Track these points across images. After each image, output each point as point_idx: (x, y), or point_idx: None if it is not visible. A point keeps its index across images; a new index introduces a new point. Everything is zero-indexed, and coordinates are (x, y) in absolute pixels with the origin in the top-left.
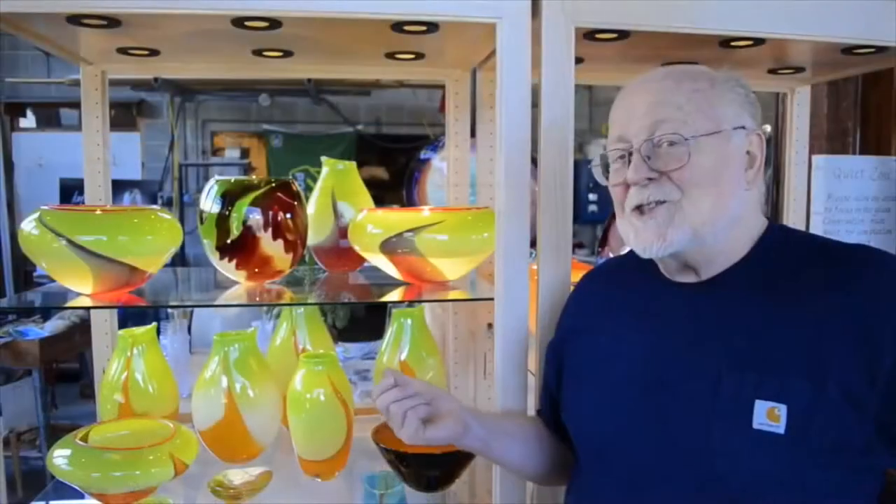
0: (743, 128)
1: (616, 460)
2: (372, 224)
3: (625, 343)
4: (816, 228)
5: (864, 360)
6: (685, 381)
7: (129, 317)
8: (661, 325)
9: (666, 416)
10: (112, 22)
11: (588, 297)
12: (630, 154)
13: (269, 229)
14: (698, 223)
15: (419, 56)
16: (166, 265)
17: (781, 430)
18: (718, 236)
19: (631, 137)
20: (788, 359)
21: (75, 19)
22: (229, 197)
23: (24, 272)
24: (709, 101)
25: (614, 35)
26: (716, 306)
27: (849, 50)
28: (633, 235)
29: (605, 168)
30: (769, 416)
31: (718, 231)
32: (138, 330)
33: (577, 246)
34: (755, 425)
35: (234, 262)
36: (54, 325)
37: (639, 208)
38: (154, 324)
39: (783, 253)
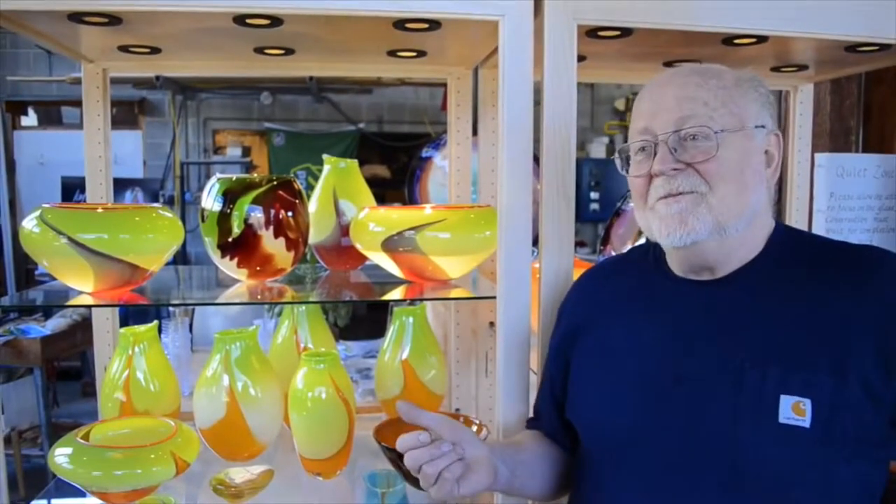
0: (763, 127)
1: (633, 455)
2: (373, 222)
3: (637, 337)
4: (819, 227)
5: (882, 357)
6: (705, 375)
7: (131, 315)
8: (674, 320)
9: (686, 411)
10: (113, 20)
11: (592, 294)
12: (655, 146)
13: (271, 227)
14: (722, 216)
15: (421, 54)
16: (168, 263)
17: (807, 425)
18: (739, 231)
19: (656, 130)
20: (811, 354)
21: (77, 17)
22: (231, 195)
23: (26, 270)
24: (733, 98)
25: (617, 33)
26: (732, 302)
27: (852, 48)
28: (656, 224)
29: (626, 160)
30: (795, 410)
31: (740, 225)
32: (140, 328)
33: (579, 244)
34: (781, 420)
35: (235, 260)
36: (56, 324)
37: (665, 197)
38: (155, 322)
39: (793, 251)
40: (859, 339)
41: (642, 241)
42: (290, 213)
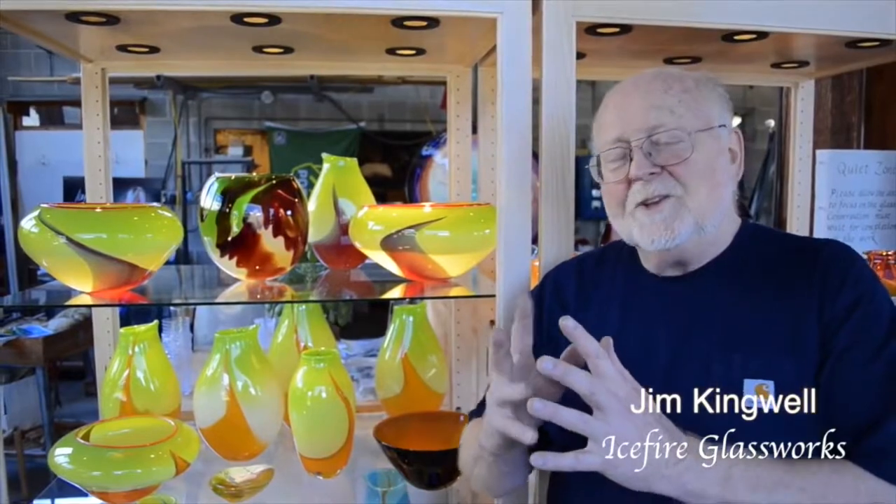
0: (725, 126)
1: None
2: (373, 221)
3: (612, 333)
4: (820, 223)
5: (820, 338)
6: (676, 366)
7: (131, 315)
8: (649, 316)
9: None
10: (111, 19)
11: (567, 289)
12: (630, 151)
13: (270, 226)
14: (700, 215)
15: (420, 52)
16: (169, 263)
17: (770, 406)
18: (716, 227)
19: (629, 137)
20: (771, 339)
21: (74, 16)
22: (229, 194)
23: (28, 270)
24: (697, 100)
25: (616, 29)
26: (701, 296)
27: (853, 44)
28: (637, 230)
29: (599, 169)
30: (758, 392)
31: (716, 222)
32: (140, 328)
33: (581, 242)
34: (745, 403)
35: (234, 259)
36: (58, 324)
37: (644, 203)
38: (155, 322)
39: (758, 246)
40: (809, 323)
41: None
42: (289, 212)
